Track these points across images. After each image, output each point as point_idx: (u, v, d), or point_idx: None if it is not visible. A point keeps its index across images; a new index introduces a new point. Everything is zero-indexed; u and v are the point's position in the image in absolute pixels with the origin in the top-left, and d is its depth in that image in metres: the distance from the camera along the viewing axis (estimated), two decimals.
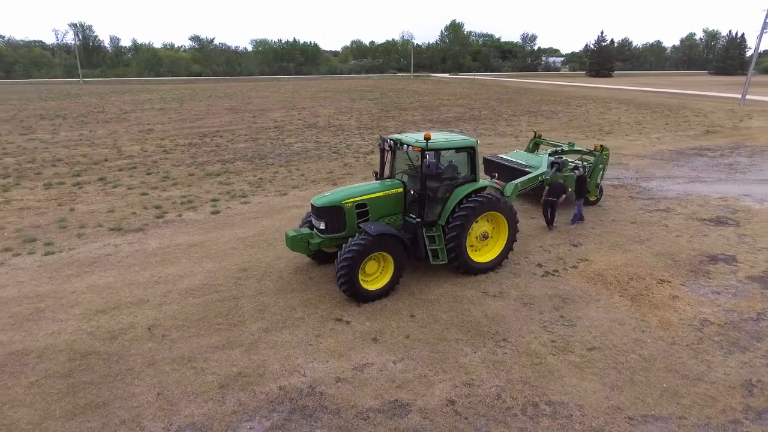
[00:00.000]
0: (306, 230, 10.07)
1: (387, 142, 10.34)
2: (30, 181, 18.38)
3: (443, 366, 7.44)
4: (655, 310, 9.03)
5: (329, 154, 23.66)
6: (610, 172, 19.61)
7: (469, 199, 9.96)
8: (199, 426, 6.20)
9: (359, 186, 10.24)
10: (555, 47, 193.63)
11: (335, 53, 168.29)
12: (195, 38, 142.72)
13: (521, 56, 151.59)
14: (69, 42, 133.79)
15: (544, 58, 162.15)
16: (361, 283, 9.15)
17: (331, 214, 9.54)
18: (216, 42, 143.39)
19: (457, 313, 8.97)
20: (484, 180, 10.69)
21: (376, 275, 9.44)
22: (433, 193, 9.93)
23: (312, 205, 9.76)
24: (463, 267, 10.18)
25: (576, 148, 16.12)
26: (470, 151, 10.20)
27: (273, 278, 10.36)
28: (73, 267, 10.95)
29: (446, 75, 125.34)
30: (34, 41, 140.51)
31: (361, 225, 9.31)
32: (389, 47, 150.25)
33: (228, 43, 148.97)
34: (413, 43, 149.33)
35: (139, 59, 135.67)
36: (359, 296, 9.14)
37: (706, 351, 7.80)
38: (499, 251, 10.64)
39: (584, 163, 15.21)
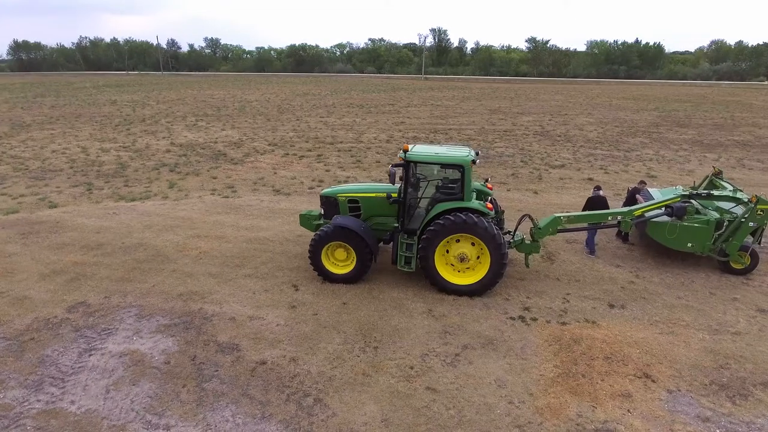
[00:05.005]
0: (315, 212, 12.12)
1: None
2: (280, 150, 25.89)
3: (302, 342, 8.60)
4: (566, 395, 7.31)
5: (515, 162, 23.43)
6: None
7: (443, 216, 9.93)
8: (139, 306, 9.65)
9: (360, 185, 11.58)
10: None
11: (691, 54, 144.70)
12: (531, 39, 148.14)
13: None
14: (428, 44, 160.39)
15: None
16: (329, 265, 10.74)
17: (328, 203, 11.37)
18: (550, 44, 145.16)
19: (378, 314, 9.53)
20: (476, 202, 10.20)
21: (346, 262, 10.77)
22: (412, 201, 10.46)
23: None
24: (432, 281, 10.27)
25: (738, 195, 11.98)
26: (459, 169, 10.01)
27: (307, 246, 12.87)
28: (224, 208, 16.17)
29: None
30: (407, 44, 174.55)
31: (334, 217, 10.81)
32: (763, 49, 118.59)
33: (560, 45, 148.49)
34: None
35: (476, 59, 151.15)
36: (323, 275, 10.77)
37: None
38: (479, 278, 10.07)
39: (724, 216, 11.30)
